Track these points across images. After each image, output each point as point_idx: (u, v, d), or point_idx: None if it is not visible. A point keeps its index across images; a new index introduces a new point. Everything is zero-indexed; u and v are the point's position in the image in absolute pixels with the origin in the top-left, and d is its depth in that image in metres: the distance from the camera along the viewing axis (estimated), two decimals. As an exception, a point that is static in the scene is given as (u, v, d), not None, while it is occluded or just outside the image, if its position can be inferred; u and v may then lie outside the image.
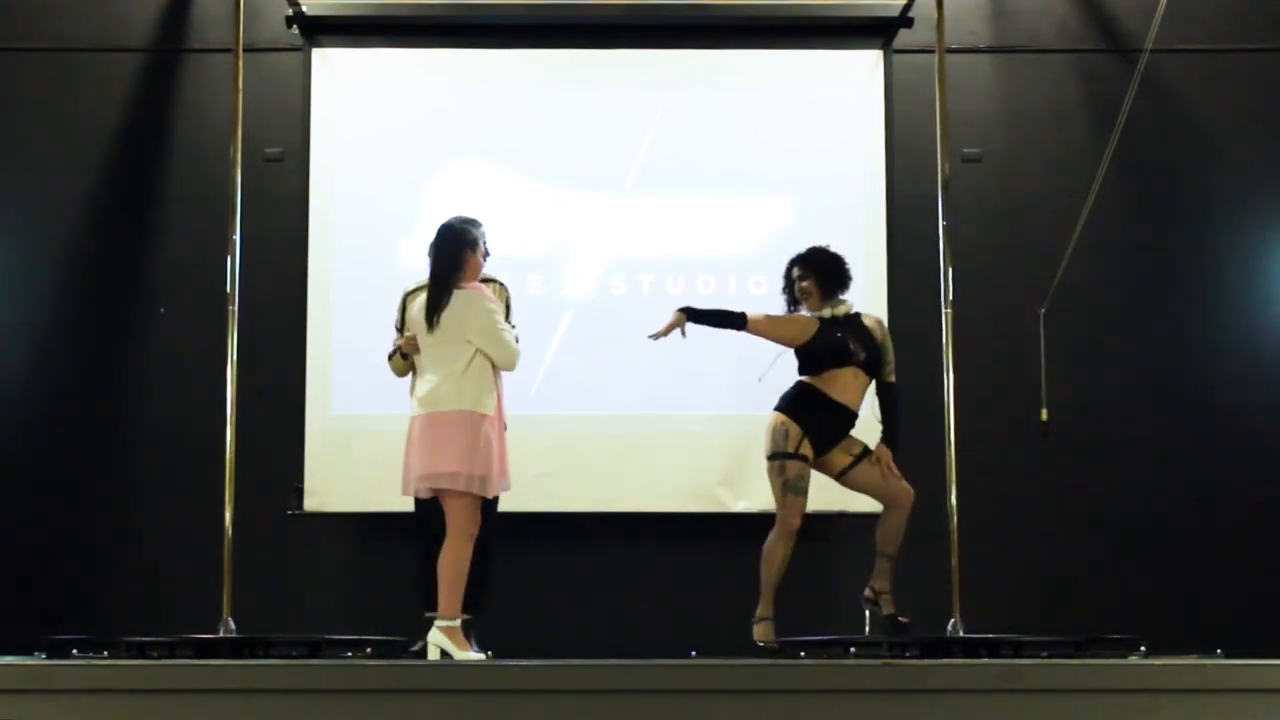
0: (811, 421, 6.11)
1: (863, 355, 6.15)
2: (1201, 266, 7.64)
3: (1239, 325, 7.60)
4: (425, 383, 5.71)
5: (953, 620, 6.21)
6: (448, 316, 5.66)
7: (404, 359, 5.88)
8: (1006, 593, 7.23)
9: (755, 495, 7.13)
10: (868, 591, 6.24)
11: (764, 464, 6.15)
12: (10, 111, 7.71)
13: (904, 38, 7.65)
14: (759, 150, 7.56)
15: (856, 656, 5.63)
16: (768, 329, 6.23)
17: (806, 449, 6.10)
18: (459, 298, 5.67)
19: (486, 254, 5.92)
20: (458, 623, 5.59)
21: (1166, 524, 7.47)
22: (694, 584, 7.31)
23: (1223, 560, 7.39)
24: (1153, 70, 7.31)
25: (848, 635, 6.21)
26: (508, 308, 6.08)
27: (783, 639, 6.09)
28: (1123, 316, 7.64)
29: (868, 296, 7.44)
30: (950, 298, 6.58)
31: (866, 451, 6.18)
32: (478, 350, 5.64)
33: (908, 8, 7.53)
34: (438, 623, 5.60)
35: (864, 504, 7.34)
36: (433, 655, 5.56)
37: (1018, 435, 7.52)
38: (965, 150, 7.65)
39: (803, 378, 6.21)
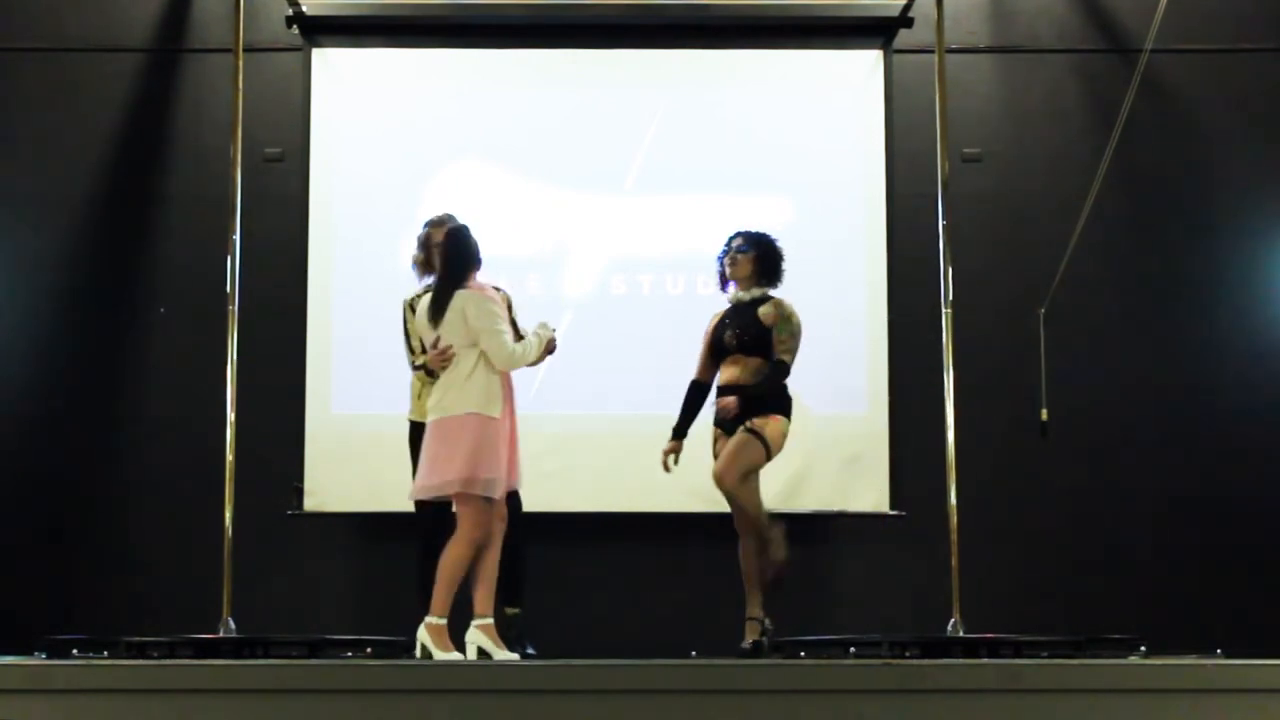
0: (716, 415, 6.13)
1: (735, 343, 6.10)
2: (1201, 266, 7.64)
3: (1239, 325, 7.59)
4: (436, 388, 5.65)
5: (953, 620, 6.21)
6: (451, 317, 5.60)
7: (430, 375, 5.76)
8: (1006, 593, 7.23)
9: (755, 495, 7.13)
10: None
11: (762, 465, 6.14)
12: (10, 111, 7.71)
13: (904, 38, 7.65)
14: (759, 150, 7.56)
15: (856, 656, 5.63)
16: (704, 364, 6.25)
17: (722, 448, 6.11)
18: (461, 298, 5.61)
19: None
20: (444, 622, 5.51)
21: (1166, 524, 7.47)
22: (694, 584, 7.31)
23: (1223, 560, 7.38)
24: (1153, 70, 7.31)
25: (848, 635, 6.21)
26: (510, 312, 6.08)
27: (783, 639, 6.09)
28: (1123, 316, 7.64)
29: (868, 296, 7.46)
30: (950, 297, 6.58)
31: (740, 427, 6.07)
32: (483, 352, 5.59)
33: (908, 8, 7.53)
34: (427, 620, 5.52)
35: (864, 503, 7.39)
36: (419, 653, 5.48)
37: (1018, 435, 7.52)
38: (965, 150, 7.64)
39: None
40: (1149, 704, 4.15)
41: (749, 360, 6.09)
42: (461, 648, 5.56)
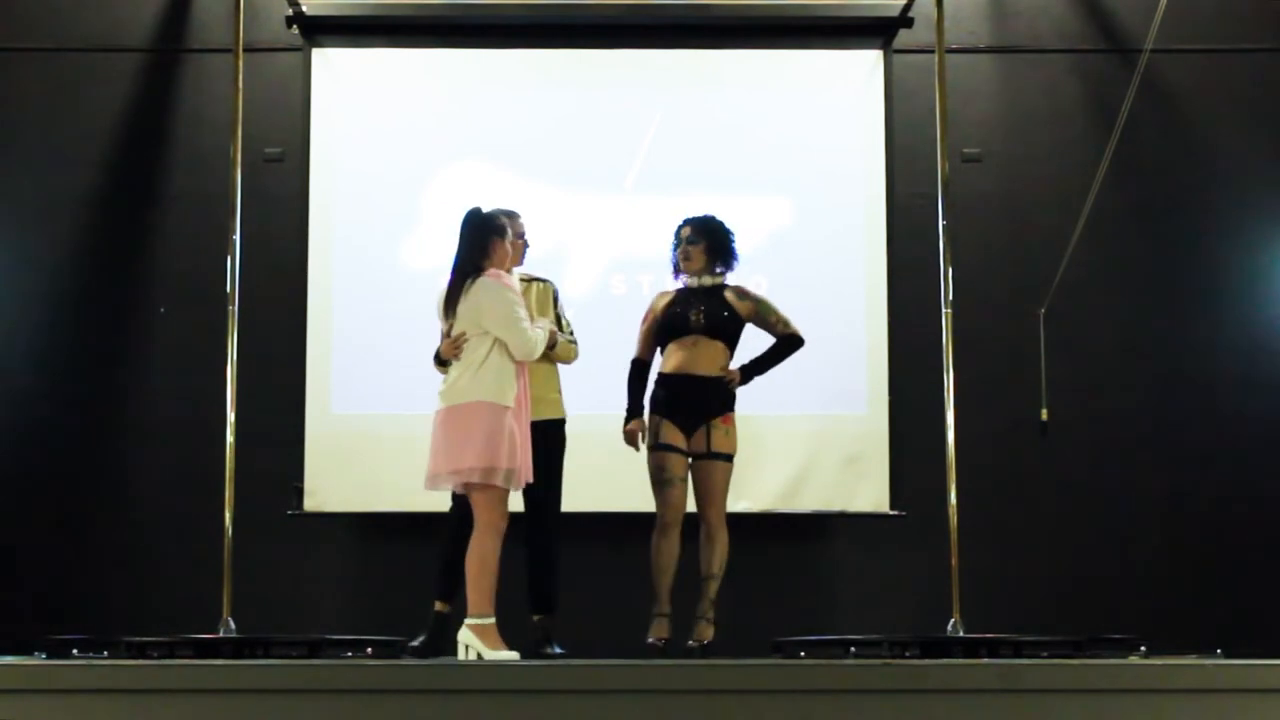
0: (663, 403, 6.11)
1: (703, 322, 6.08)
2: (1201, 266, 7.64)
3: (1239, 325, 7.59)
4: (448, 375, 5.60)
5: (953, 620, 6.21)
6: (465, 305, 5.54)
7: (443, 365, 5.68)
8: (1006, 593, 7.23)
9: (755, 495, 7.13)
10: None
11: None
12: (10, 111, 7.71)
13: (904, 38, 7.64)
14: (759, 150, 7.56)
15: (856, 656, 5.64)
16: (647, 342, 6.26)
17: (670, 435, 6.07)
18: (477, 286, 5.55)
19: (526, 244, 5.94)
20: (490, 621, 5.43)
21: (1167, 524, 7.47)
22: (694, 584, 7.30)
23: (1223, 560, 7.39)
24: (1153, 70, 7.32)
25: (848, 635, 6.21)
26: (556, 305, 6.20)
27: (783, 639, 6.09)
28: (1123, 316, 7.64)
29: (868, 296, 7.45)
30: (950, 298, 6.58)
31: (716, 455, 6.05)
32: (497, 340, 5.52)
33: (908, 8, 7.53)
34: (468, 620, 5.44)
35: (864, 503, 7.38)
36: (461, 654, 5.40)
37: (1018, 435, 7.52)
38: (965, 150, 7.64)
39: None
40: (1149, 704, 4.15)
41: (712, 344, 6.07)
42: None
